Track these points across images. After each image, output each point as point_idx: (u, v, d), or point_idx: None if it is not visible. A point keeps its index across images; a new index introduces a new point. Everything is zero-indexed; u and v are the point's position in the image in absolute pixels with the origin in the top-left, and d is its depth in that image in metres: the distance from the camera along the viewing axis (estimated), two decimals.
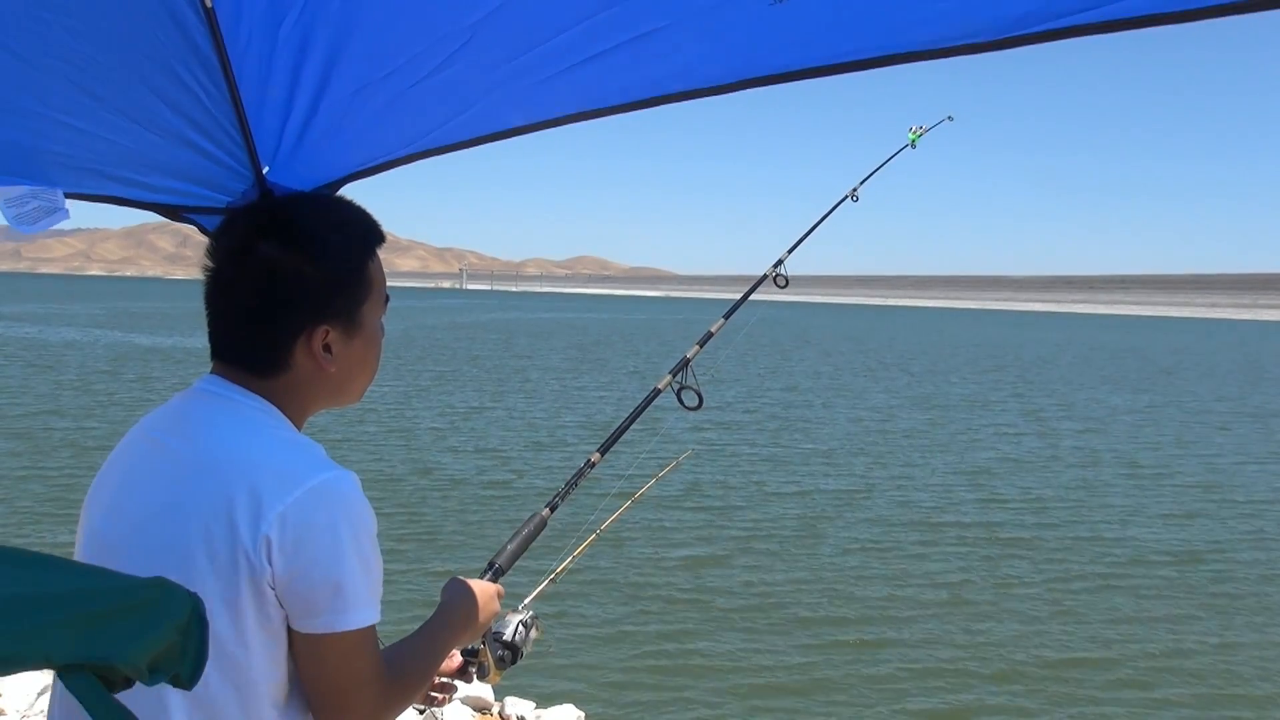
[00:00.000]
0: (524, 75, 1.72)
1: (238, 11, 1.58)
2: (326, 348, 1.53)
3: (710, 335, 2.88)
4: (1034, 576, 10.29)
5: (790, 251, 3.23)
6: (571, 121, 1.87)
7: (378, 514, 1.51)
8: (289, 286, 1.50)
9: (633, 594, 9.15)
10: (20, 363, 28.26)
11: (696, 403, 2.63)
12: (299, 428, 1.55)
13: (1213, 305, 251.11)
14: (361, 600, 1.41)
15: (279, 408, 1.52)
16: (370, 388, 1.70)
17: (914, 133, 3.59)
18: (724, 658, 7.84)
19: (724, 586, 9.55)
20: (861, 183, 3.51)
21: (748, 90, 1.69)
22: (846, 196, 3.48)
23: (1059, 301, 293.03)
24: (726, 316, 2.98)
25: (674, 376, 2.66)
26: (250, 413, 1.49)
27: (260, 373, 1.53)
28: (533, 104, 1.83)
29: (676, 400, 2.65)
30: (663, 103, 1.76)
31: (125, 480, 1.51)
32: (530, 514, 2.31)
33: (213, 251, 1.57)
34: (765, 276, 3.13)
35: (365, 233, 1.60)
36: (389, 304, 1.66)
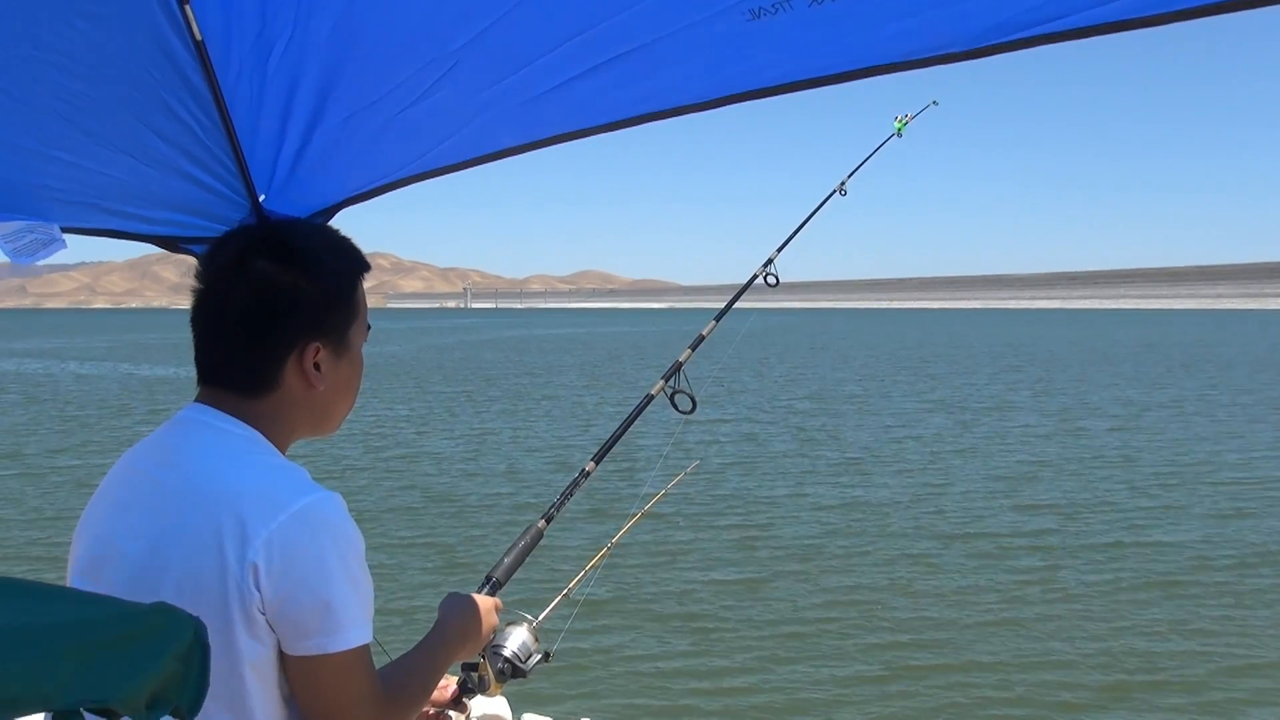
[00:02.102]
0: (510, 97, 1.76)
1: (227, 44, 1.61)
2: (317, 366, 1.54)
3: (702, 339, 2.86)
4: (1084, 586, 9.61)
5: (779, 250, 3.19)
6: (561, 141, 1.91)
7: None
8: (284, 302, 1.51)
9: (655, 608, 8.98)
10: (29, 400, 28.25)
11: (690, 407, 2.60)
12: (283, 454, 1.56)
13: (1219, 296, 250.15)
14: (352, 620, 1.41)
15: (264, 432, 1.53)
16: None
17: (900, 121, 3.55)
18: (749, 674, 7.61)
19: (749, 601, 9.23)
20: (849, 175, 3.48)
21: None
22: (835, 191, 3.45)
23: (1064, 298, 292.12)
24: (718, 319, 2.97)
25: (667, 381, 2.64)
26: (235, 440, 1.50)
27: (248, 393, 1.53)
28: (521, 124, 1.87)
29: (670, 405, 2.63)
30: (648, 120, 1.80)
31: (113, 512, 1.52)
32: (527, 526, 2.32)
33: (204, 271, 1.58)
34: (755, 276, 3.12)
35: (354, 257, 1.63)
36: (370, 331, 1.67)
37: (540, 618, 2.19)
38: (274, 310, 1.51)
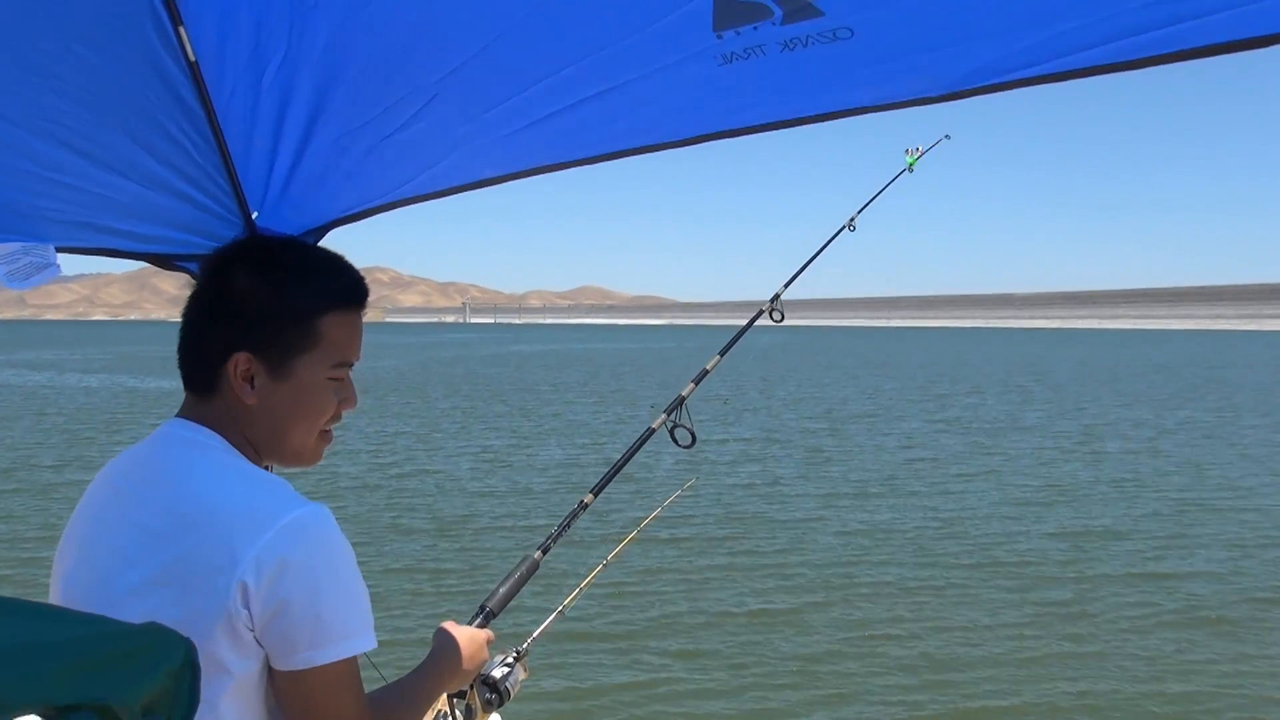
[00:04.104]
0: (487, 131, 1.81)
1: (221, 64, 1.63)
2: (251, 380, 1.52)
3: (705, 373, 2.86)
4: (1112, 618, 9.08)
5: (787, 285, 3.20)
6: (538, 173, 1.97)
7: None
8: (230, 306, 1.53)
9: (651, 634, 8.72)
10: (30, 414, 28.12)
11: (690, 441, 2.61)
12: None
13: (1217, 317, 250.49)
14: (341, 632, 1.41)
15: (227, 436, 1.53)
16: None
17: (911, 155, 3.53)
18: (750, 706, 7.33)
19: (752, 630, 8.86)
20: (859, 211, 3.47)
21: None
22: (844, 227, 3.44)
23: (1064, 318, 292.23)
24: (722, 353, 2.95)
25: (669, 415, 2.65)
26: (216, 454, 1.50)
27: (199, 392, 1.55)
28: (499, 157, 1.93)
29: (670, 439, 2.64)
30: (625, 156, 1.86)
31: (96, 530, 1.52)
32: (522, 556, 2.32)
33: (198, 273, 1.64)
34: (761, 312, 3.11)
35: (330, 288, 1.58)
36: (347, 367, 1.60)
37: (531, 639, 2.22)
38: (217, 311, 1.54)
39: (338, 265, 1.63)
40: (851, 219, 3.44)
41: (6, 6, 1.38)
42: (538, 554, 2.33)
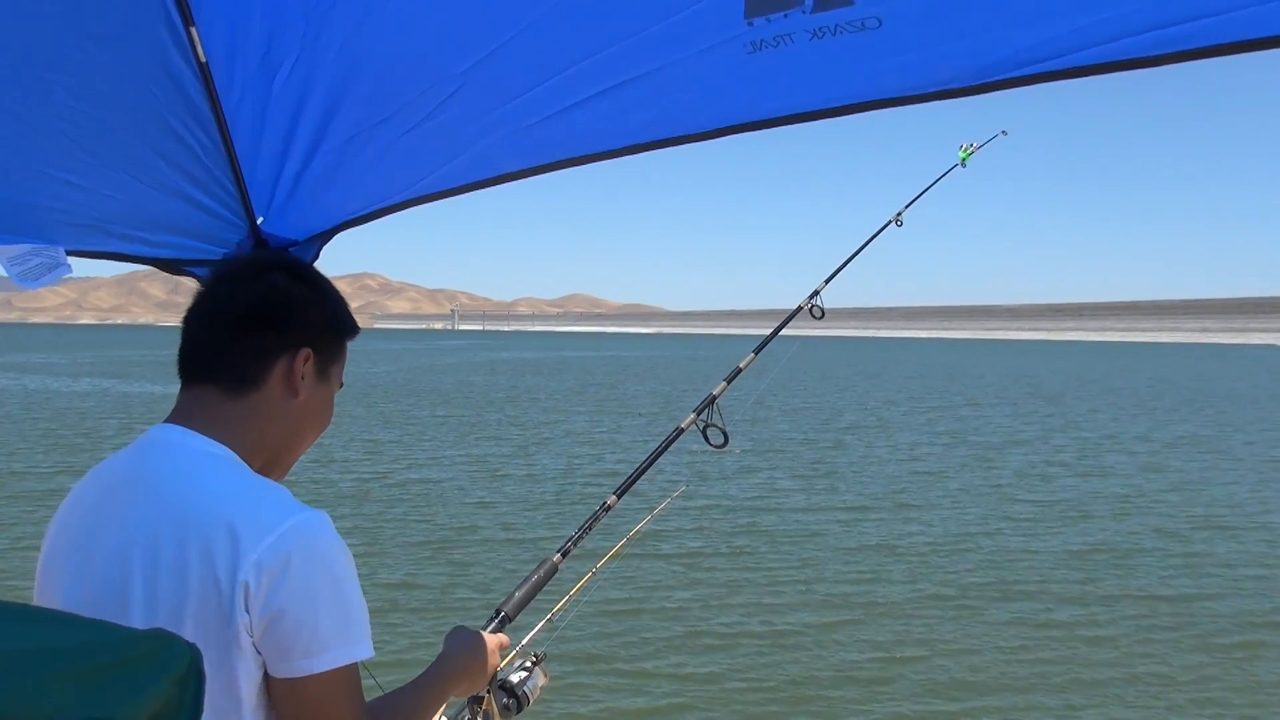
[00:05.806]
0: (513, 120, 1.78)
1: (231, 66, 1.62)
2: (303, 376, 1.55)
3: (739, 371, 2.80)
4: (1134, 644, 8.79)
5: (827, 282, 3.12)
6: (560, 167, 1.93)
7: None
8: (292, 308, 1.54)
9: (651, 651, 8.56)
10: (17, 418, 27.96)
11: (722, 441, 2.58)
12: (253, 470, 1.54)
13: (1204, 330, 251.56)
14: (338, 640, 1.39)
15: (235, 440, 1.50)
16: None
17: (964, 150, 3.47)
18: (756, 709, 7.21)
19: (753, 646, 8.69)
20: (907, 206, 3.38)
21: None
22: (890, 222, 3.35)
23: (1051, 330, 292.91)
24: (757, 351, 2.89)
25: (698, 415, 2.61)
26: (210, 460, 1.48)
27: (231, 389, 1.52)
28: (522, 149, 1.89)
29: (702, 438, 2.60)
30: (648, 149, 1.82)
31: (86, 540, 1.48)
32: (541, 559, 2.27)
33: (212, 275, 1.60)
34: (800, 308, 3.04)
35: (351, 317, 1.67)
36: (341, 388, 1.69)
37: (521, 645, 2.17)
38: (281, 312, 1.53)
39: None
40: (899, 214, 3.35)
41: (19, 6, 1.37)
42: (556, 557, 2.28)
